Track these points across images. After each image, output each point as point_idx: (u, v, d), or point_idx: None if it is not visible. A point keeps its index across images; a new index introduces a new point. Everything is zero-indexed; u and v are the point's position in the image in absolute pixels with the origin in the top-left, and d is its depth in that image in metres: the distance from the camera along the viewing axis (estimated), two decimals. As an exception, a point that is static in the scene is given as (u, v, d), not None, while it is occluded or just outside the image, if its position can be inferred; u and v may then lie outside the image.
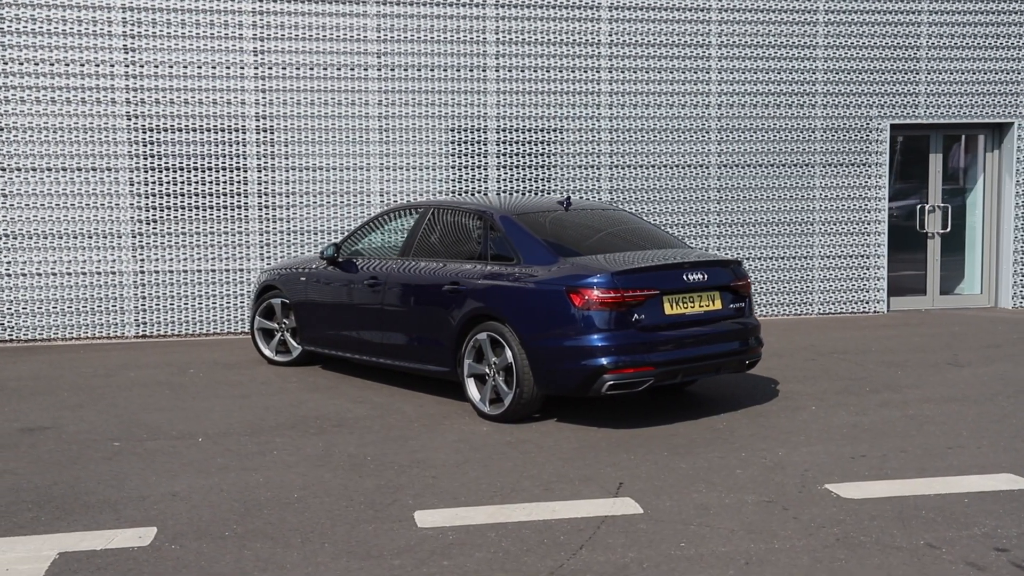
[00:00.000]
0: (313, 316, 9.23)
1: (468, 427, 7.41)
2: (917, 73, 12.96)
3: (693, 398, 8.30)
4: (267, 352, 9.84)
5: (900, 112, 12.96)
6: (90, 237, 11.37)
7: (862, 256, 13.02)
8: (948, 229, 13.46)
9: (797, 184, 12.80)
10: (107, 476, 6.25)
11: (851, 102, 12.85)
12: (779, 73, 12.65)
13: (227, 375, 9.38)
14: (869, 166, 12.96)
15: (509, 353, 7.34)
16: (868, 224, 13.01)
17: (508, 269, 7.57)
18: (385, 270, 8.53)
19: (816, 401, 8.12)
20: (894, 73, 12.90)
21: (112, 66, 11.28)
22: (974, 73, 13.08)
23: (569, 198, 8.35)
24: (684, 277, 7.36)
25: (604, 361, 6.99)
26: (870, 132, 12.92)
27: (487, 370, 7.58)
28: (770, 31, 12.57)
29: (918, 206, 13.47)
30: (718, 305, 7.55)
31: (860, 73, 12.83)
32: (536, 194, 12.18)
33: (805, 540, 5.06)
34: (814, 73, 12.73)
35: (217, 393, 8.62)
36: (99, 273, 11.41)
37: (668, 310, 7.26)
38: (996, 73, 13.13)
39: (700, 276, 7.43)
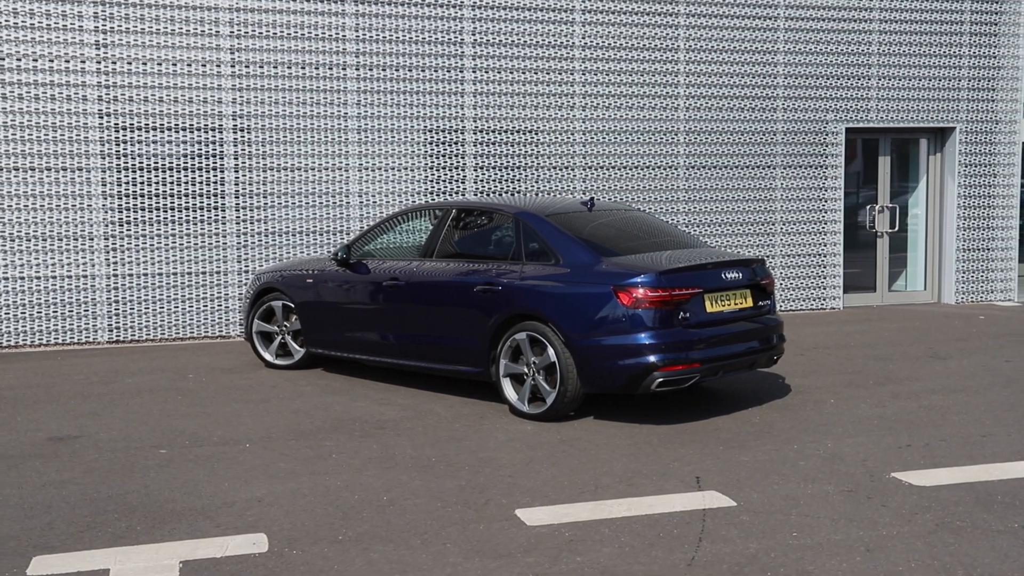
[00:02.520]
0: (323, 318, 9.12)
1: (512, 426, 7.46)
2: (869, 79, 13.50)
3: (712, 394, 8.51)
4: (267, 356, 9.67)
5: (854, 116, 13.48)
6: (61, 240, 10.97)
7: (819, 255, 13.49)
8: (896, 228, 14.06)
9: (759, 185, 13.20)
10: (176, 483, 6.10)
11: (809, 106, 13.30)
12: (743, 78, 13.01)
13: (232, 380, 9.19)
14: (826, 167, 13.45)
15: (551, 352, 7.41)
16: (825, 224, 13.50)
17: (549, 269, 7.64)
18: (408, 271, 8.48)
19: (831, 395, 8.42)
20: (848, 79, 13.41)
21: (83, 62, 10.91)
22: (920, 80, 13.70)
23: (593, 199, 8.47)
24: (722, 276, 7.57)
25: (653, 359, 7.14)
26: (827, 135, 13.40)
27: (525, 370, 7.64)
28: (734, 36, 12.93)
29: (867, 206, 14.05)
30: (750, 303, 7.78)
31: (817, 78, 13.29)
32: (514, 194, 12.26)
33: (907, 527, 5.29)
34: (775, 78, 13.14)
35: (233, 398, 8.45)
36: (70, 277, 11.03)
37: (709, 308, 7.45)
38: (940, 80, 13.77)
39: (736, 275, 7.65)
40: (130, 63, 11.03)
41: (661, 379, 7.16)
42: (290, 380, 9.14)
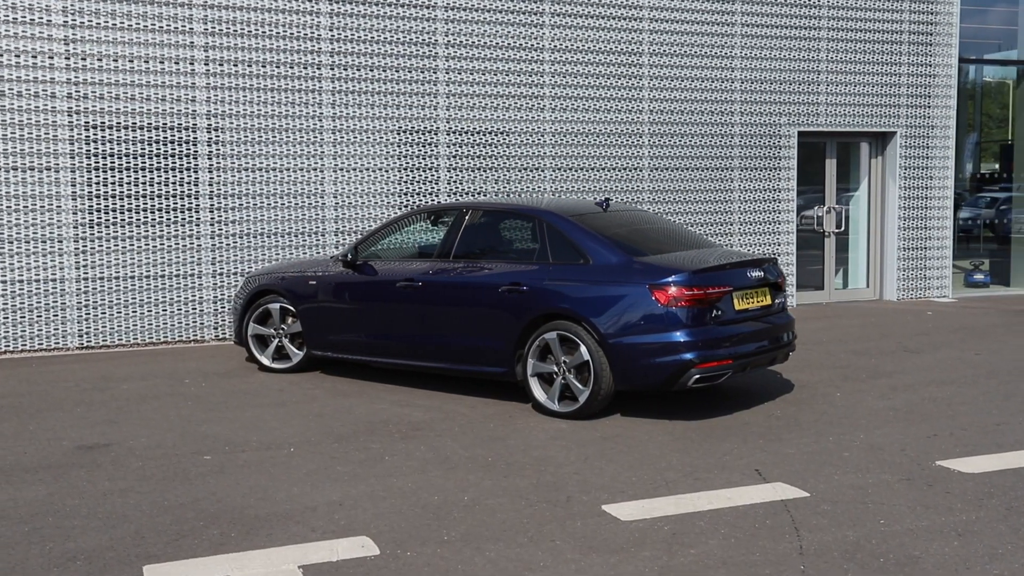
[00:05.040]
0: (329, 321, 9.01)
1: (546, 425, 7.52)
2: (818, 85, 13.99)
3: (721, 390, 8.71)
4: (263, 359, 9.50)
5: (805, 120, 13.95)
6: (28, 242, 10.55)
7: (774, 254, 13.89)
8: (843, 229, 14.60)
9: (719, 187, 13.54)
10: (243, 489, 5.98)
11: (764, 110, 13.71)
12: (703, 82, 13.33)
13: (234, 384, 9.00)
14: (780, 169, 13.88)
15: (584, 350, 7.50)
16: (780, 224, 13.93)
17: (578, 269, 7.72)
18: (425, 272, 8.45)
19: (834, 389, 8.72)
20: (800, 84, 13.88)
21: (52, 58, 10.52)
22: (864, 86, 14.26)
23: (608, 199, 8.59)
24: (747, 274, 7.78)
25: (690, 356, 7.29)
26: (780, 138, 13.83)
27: (555, 369, 7.71)
28: (695, 42, 13.23)
29: (815, 207, 14.55)
30: (769, 300, 8.02)
31: (772, 84, 13.72)
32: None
33: (982, 512, 5.55)
34: (733, 83, 13.50)
35: (246, 403, 8.29)
36: (38, 280, 10.61)
37: (737, 306, 7.65)
38: (882, 87, 14.36)
39: (758, 273, 7.88)
40: (100, 60, 10.68)
41: (698, 376, 7.33)
42: (294, 384, 9.00)
